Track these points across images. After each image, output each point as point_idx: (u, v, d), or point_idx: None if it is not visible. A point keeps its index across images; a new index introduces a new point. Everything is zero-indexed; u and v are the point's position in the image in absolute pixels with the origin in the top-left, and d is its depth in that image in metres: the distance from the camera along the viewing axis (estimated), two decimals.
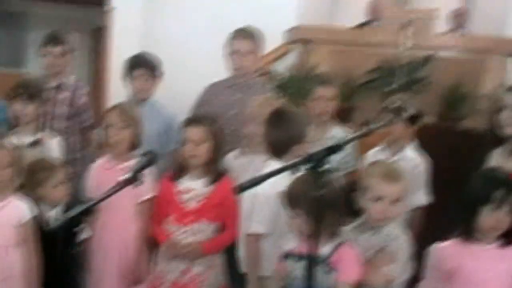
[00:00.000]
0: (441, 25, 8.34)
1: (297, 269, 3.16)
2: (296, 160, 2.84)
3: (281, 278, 3.27)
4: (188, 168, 3.83)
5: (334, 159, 3.54)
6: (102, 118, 4.16)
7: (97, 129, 4.72)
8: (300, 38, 6.92)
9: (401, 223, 3.57)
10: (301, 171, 2.89)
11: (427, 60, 6.43)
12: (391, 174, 3.26)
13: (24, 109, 4.24)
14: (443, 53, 6.73)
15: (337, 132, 4.65)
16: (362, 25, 8.29)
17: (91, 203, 2.70)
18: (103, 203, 3.19)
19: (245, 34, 4.89)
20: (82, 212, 2.62)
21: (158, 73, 4.96)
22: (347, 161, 4.54)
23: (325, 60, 6.62)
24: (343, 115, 6.48)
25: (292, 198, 3.14)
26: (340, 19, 9.12)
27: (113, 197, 3.06)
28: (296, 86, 6.43)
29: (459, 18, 8.64)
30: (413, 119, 3.99)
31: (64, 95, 5.02)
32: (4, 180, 3.57)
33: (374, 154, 4.49)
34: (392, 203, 3.20)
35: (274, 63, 6.98)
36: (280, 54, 7.12)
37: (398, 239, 3.25)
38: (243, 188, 2.91)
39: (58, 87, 5.00)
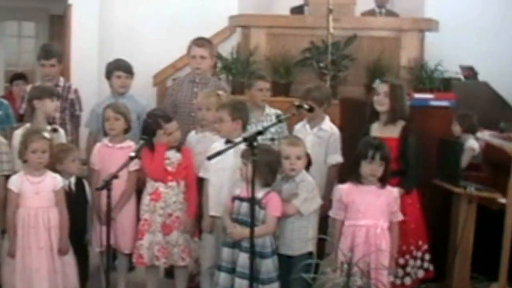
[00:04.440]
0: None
1: (241, 207, 5.31)
2: (238, 139, 5.05)
3: (231, 213, 5.38)
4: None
5: (271, 131, 6.17)
6: None
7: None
8: (241, 24, 8.97)
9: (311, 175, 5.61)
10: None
11: (350, 40, 8.56)
12: (293, 141, 5.51)
13: (51, 105, 6.16)
14: (366, 32, 8.84)
15: (269, 111, 6.73)
16: (296, 9, 10.34)
17: (113, 174, 4.86)
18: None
19: (200, 43, 6.85)
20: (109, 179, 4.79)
21: (132, 74, 6.92)
22: (281, 132, 6.61)
23: (263, 43, 8.66)
24: (282, 90, 8.65)
25: (243, 155, 5.28)
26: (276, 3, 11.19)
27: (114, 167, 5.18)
28: (239, 68, 8.54)
29: None
30: (311, 109, 6.09)
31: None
32: (45, 162, 5.45)
33: (299, 128, 6.42)
34: (296, 159, 5.37)
35: (219, 45, 8.99)
36: (223, 37, 9.24)
37: (304, 182, 5.39)
38: (210, 157, 5.08)
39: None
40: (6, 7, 11.05)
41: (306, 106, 5.81)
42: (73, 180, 5.81)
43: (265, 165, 5.13)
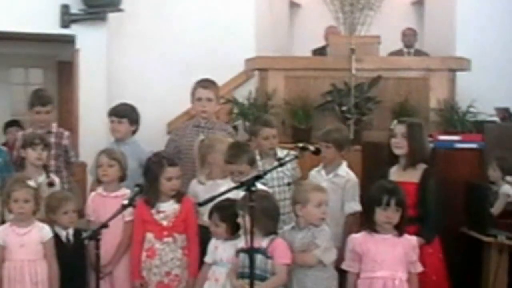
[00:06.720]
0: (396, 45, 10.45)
1: (246, 260, 5.00)
2: (235, 184, 4.90)
3: (237, 267, 5.17)
4: (160, 195, 5.63)
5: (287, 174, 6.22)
6: None
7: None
8: (257, 67, 8.89)
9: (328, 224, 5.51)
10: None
11: (375, 81, 8.42)
12: (319, 187, 5.34)
13: (40, 155, 6.06)
14: (392, 73, 8.69)
15: (282, 154, 6.40)
16: (318, 50, 10.30)
17: (104, 223, 4.73)
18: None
19: (205, 85, 6.70)
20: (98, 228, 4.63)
21: (136, 121, 6.71)
22: (293, 173, 6.42)
23: (282, 86, 8.58)
24: (302, 135, 8.49)
25: (238, 206, 5.13)
26: (297, 44, 11.24)
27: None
28: (256, 113, 8.40)
29: (408, 38, 10.70)
30: (316, 151, 5.90)
31: (51, 140, 6.66)
32: (27, 212, 5.31)
33: (314, 174, 6.23)
34: (316, 206, 5.18)
35: (235, 90, 8.97)
36: (240, 82, 9.15)
37: (322, 231, 5.21)
38: (203, 203, 4.96)
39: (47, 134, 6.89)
40: (13, 54, 11.10)
41: (311, 148, 5.61)
42: (70, 231, 5.63)
43: (262, 212, 4.93)
